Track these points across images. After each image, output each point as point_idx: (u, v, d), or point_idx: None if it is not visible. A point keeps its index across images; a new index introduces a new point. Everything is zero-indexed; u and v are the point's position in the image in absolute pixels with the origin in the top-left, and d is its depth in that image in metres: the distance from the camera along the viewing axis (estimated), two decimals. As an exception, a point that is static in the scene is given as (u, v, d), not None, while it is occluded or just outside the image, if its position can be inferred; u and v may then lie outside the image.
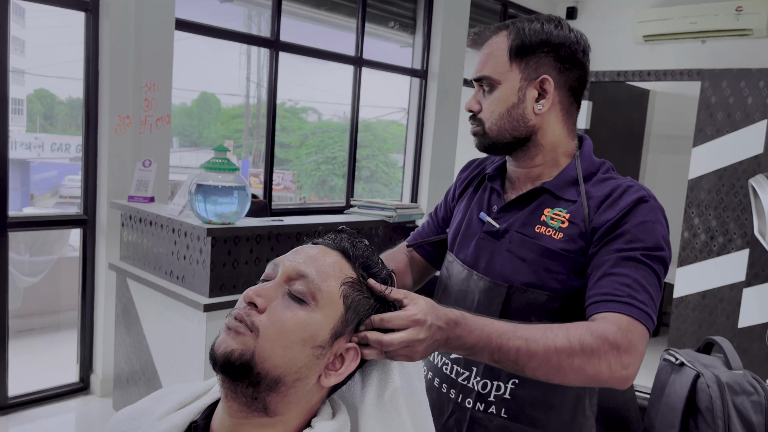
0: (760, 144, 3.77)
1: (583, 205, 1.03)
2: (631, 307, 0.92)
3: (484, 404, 1.06)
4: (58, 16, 2.97)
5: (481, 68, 1.07)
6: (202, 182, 2.27)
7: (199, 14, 3.28)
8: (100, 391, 3.06)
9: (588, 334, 0.87)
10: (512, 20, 1.08)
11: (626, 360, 0.88)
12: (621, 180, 1.06)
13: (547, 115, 1.06)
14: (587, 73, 1.09)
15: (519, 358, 0.84)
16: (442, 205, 1.31)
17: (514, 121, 1.05)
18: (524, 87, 1.04)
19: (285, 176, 5.23)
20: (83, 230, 3.06)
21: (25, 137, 4.59)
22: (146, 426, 0.80)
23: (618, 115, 5.07)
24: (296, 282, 0.75)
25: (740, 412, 1.31)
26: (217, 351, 0.72)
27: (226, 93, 5.03)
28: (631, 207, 0.99)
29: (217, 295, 2.31)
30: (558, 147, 1.08)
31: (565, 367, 0.86)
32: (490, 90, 1.06)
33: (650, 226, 0.98)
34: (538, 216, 1.05)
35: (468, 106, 1.10)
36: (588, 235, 1.01)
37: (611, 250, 0.97)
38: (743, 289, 3.82)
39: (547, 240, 1.03)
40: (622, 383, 0.89)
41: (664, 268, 0.98)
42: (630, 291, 0.93)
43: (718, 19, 4.20)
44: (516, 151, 1.09)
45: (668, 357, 1.46)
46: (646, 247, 0.96)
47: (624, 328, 0.90)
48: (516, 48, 1.04)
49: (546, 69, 1.04)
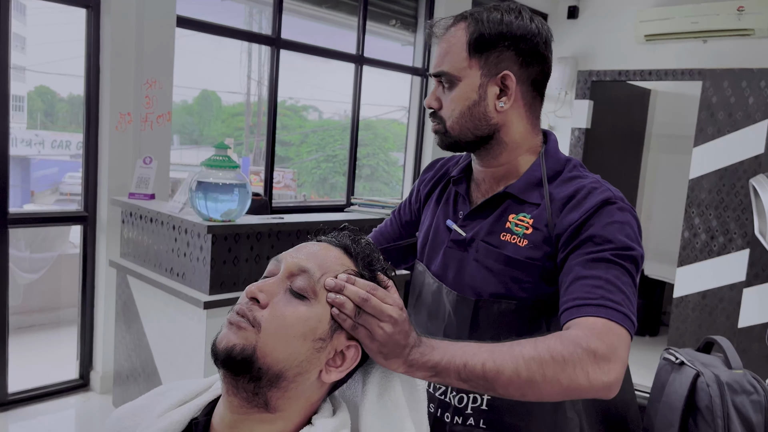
0: (761, 144, 3.77)
1: (546, 208, 0.99)
2: (606, 309, 0.86)
3: (462, 417, 1.05)
4: (60, 12, 2.97)
5: (440, 63, 1.02)
6: (202, 179, 2.27)
7: (200, 11, 3.28)
8: (100, 388, 3.07)
9: (558, 343, 0.81)
10: (471, 10, 1.03)
11: (605, 366, 0.80)
12: (586, 180, 1.01)
13: (509, 111, 1.01)
14: (550, 65, 1.04)
15: (486, 374, 0.78)
16: (406, 207, 1.26)
17: (476, 120, 1.01)
18: (485, 84, 1.00)
19: (285, 174, 5.23)
20: (84, 227, 3.06)
21: (25, 134, 4.59)
22: (147, 422, 0.81)
23: (619, 114, 5.07)
24: (298, 277, 0.75)
25: (740, 411, 1.31)
26: (218, 346, 0.73)
27: (226, 91, 5.02)
28: (596, 209, 0.94)
29: (217, 292, 2.31)
30: (522, 144, 1.04)
31: (538, 380, 0.78)
32: (449, 86, 1.02)
33: (618, 226, 0.93)
34: (503, 223, 1.02)
35: (427, 103, 1.06)
36: (552, 239, 0.97)
37: (579, 254, 0.92)
38: (743, 289, 3.82)
39: (512, 249, 1.00)
40: (605, 392, 0.81)
41: (637, 267, 0.93)
42: (603, 292, 0.87)
43: (720, 19, 4.19)
44: (479, 149, 1.05)
45: (668, 356, 1.46)
46: (616, 247, 0.91)
47: (599, 331, 0.83)
48: (475, 42, 0.99)
49: (507, 64, 0.99)
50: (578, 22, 5.12)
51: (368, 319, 0.75)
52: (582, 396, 0.82)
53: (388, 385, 0.79)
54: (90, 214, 3.03)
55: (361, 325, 0.75)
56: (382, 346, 0.76)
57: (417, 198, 1.23)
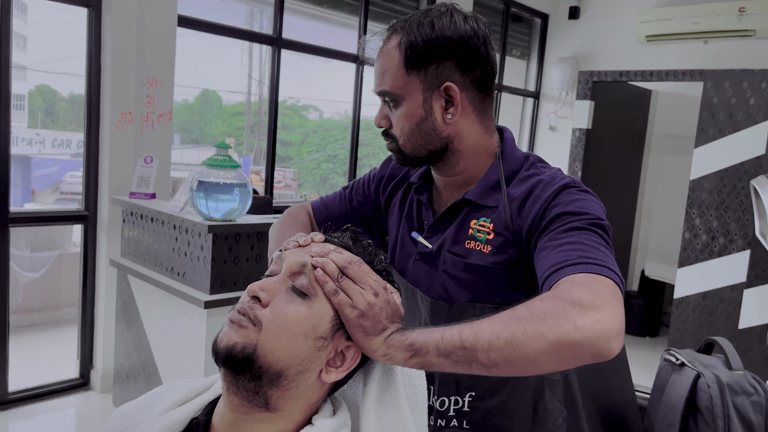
0: (762, 145, 3.77)
1: (504, 209, 0.96)
2: (586, 265, 0.79)
3: (445, 420, 1.04)
4: (61, 12, 2.97)
5: (380, 83, 0.99)
6: (203, 179, 2.27)
7: (201, 11, 3.28)
8: (100, 387, 3.07)
9: (537, 301, 0.73)
10: (401, 21, 0.98)
11: (595, 314, 0.70)
12: (544, 174, 0.98)
13: (459, 120, 0.98)
14: (493, 62, 0.98)
15: (464, 341, 0.71)
16: (361, 192, 1.22)
17: (426, 136, 0.98)
18: (429, 98, 0.96)
19: (286, 174, 5.24)
20: (84, 226, 3.06)
21: (26, 133, 4.59)
22: (147, 422, 0.81)
23: (620, 115, 5.07)
24: (299, 276, 0.76)
25: (740, 412, 1.31)
26: (219, 344, 0.73)
27: (227, 90, 5.03)
28: (556, 194, 0.92)
29: (217, 292, 2.31)
30: (478, 149, 1.01)
31: (520, 338, 0.69)
32: (394, 105, 0.98)
33: (581, 203, 0.91)
34: (465, 230, 1.00)
35: (376, 123, 1.02)
36: (516, 240, 0.95)
37: (549, 231, 0.88)
38: (744, 290, 3.82)
39: (477, 256, 0.98)
40: (602, 344, 0.69)
41: (608, 236, 0.88)
42: (580, 253, 0.81)
43: (721, 20, 4.19)
44: (437, 162, 1.02)
45: (669, 357, 1.46)
46: (585, 218, 0.88)
47: (581, 282, 0.75)
48: (410, 58, 0.94)
49: (447, 74, 0.95)
50: (579, 22, 5.12)
51: (350, 285, 0.74)
52: (579, 353, 0.70)
53: (389, 386, 0.79)
54: (91, 214, 3.03)
55: (342, 291, 0.74)
56: (362, 317, 0.73)
57: (377, 191, 1.20)
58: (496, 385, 1.03)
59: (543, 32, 5.30)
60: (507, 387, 1.03)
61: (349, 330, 0.75)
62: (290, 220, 1.20)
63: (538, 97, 5.38)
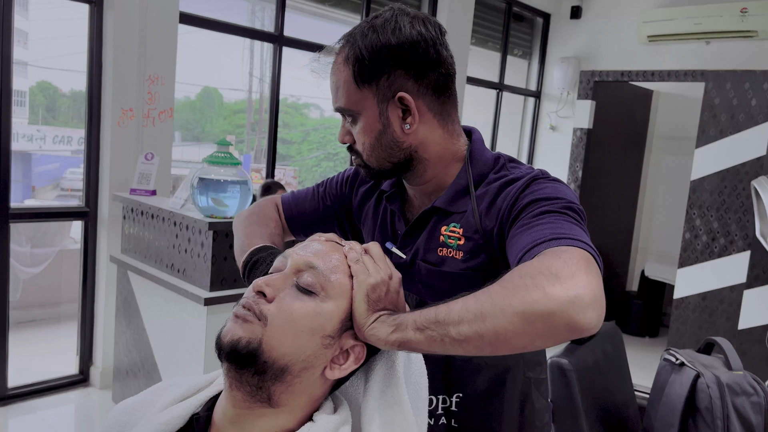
0: (763, 146, 3.77)
1: (473, 213, 0.94)
2: (558, 240, 0.75)
3: (434, 419, 1.04)
4: (62, 8, 2.97)
5: (335, 99, 0.97)
6: (204, 176, 2.27)
7: (202, 8, 3.28)
8: (100, 383, 3.07)
9: (509, 274, 0.71)
10: (348, 35, 0.95)
11: (567, 282, 0.65)
12: (513, 173, 0.96)
13: (419, 129, 0.95)
14: (448, 62, 0.94)
15: (438, 315, 0.70)
16: (335, 191, 1.19)
17: (388, 149, 0.95)
18: (384, 110, 0.93)
19: (287, 172, 5.24)
20: (85, 222, 3.06)
21: (27, 129, 4.59)
22: (147, 417, 0.81)
23: (621, 115, 5.07)
24: (305, 273, 0.76)
25: (740, 412, 1.31)
26: (223, 339, 0.73)
27: (228, 87, 5.03)
28: (524, 186, 0.90)
29: (217, 288, 2.31)
30: (444, 155, 0.98)
31: (488, 311, 0.67)
32: (353, 121, 0.96)
33: (552, 189, 0.88)
34: (437, 237, 0.98)
35: (340, 139, 1.01)
36: (486, 244, 0.93)
37: (520, 218, 0.86)
38: (744, 290, 3.82)
39: (450, 263, 0.96)
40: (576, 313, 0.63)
41: (583, 219, 0.85)
42: (551, 230, 0.78)
43: (723, 21, 4.19)
44: (405, 173, 1.00)
45: (668, 357, 1.46)
46: (556, 203, 0.85)
47: (551, 253, 0.72)
48: (359, 74, 0.91)
49: (400, 83, 0.91)
50: (581, 22, 5.11)
51: (370, 260, 0.77)
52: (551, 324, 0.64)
53: (390, 383, 0.79)
54: (91, 210, 3.03)
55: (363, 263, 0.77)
56: (372, 289, 0.75)
57: (349, 194, 1.18)
58: (484, 385, 1.03)
59: (545, 32, 5.30)
60: (494, 387, 1.04)
61: (354, 298, 0.75)
62: (258, 216, 1.18)
63: (539, 96, 5.38)
